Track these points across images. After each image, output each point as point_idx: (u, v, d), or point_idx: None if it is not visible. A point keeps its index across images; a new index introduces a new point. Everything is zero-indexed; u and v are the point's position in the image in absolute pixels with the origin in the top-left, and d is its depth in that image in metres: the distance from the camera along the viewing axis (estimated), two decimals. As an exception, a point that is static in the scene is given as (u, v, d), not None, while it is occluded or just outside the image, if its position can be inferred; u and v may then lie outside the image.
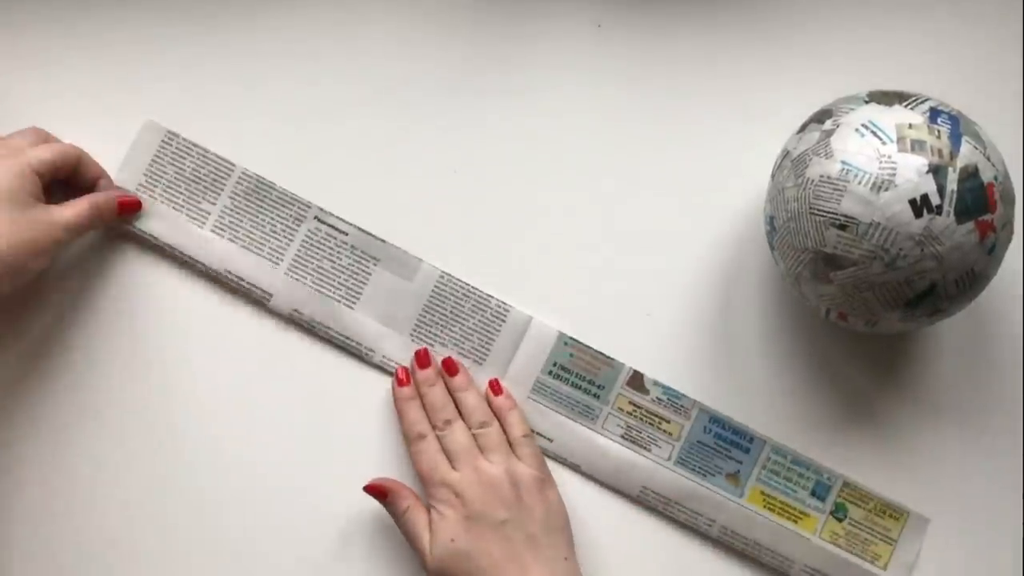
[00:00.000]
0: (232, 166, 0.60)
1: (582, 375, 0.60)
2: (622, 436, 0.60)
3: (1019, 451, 0.61)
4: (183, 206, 0.60)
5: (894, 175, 0.50)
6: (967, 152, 0.51)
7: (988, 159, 0.51)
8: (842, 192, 0.51)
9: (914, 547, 0.60)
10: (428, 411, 0.58)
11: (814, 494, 0.60)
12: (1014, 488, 0.61)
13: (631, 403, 0.60)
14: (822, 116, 0.54)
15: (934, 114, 0.52)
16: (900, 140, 0.51)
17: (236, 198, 0.60)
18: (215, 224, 0.60)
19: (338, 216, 0.60)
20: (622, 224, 0.61)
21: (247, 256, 0.60)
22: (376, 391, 0.60)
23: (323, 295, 0.60)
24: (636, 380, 0.60)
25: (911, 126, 0.51)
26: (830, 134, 0.52)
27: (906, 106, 0.52)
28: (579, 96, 0.62)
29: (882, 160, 0.50)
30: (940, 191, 0.50)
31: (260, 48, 0.61)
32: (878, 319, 0.53)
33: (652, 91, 0.62)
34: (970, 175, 0.50)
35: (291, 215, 0.60)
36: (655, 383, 0.60)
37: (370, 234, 0.60)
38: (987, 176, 0.51)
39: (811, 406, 0.61)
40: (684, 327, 0.61)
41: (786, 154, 0.55)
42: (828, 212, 0.51)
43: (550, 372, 0.60)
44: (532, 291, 0.60)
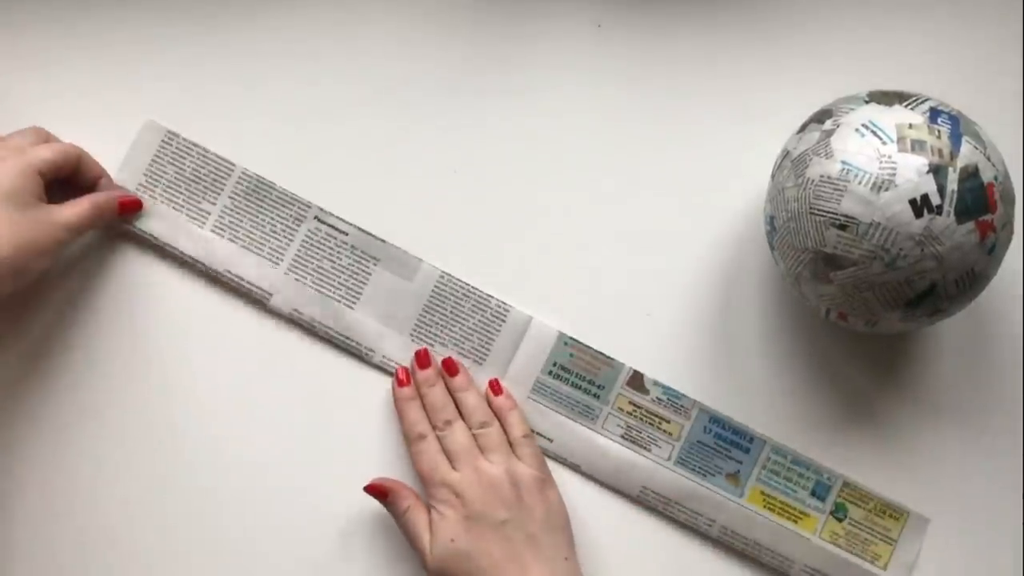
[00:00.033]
0: (232, 166, 0.60)
1: (582, 375, 0.60)
2: (622, 436, 0.60)
3: (1019, 451, 0.61)
4: (183, 206, 0.60)
5: (894, 175, 0.50)
6: (967, 152, 0.51)
7: (988, 159, 0.51)
8: (842, 192, 0.51)
9: (914, 547, 0.60)
10: (428, 411, 0.58)
11: (814, 494, 0.60)
12: (1014, 488, 0.61)
13: (631, 403, 0.60)
14: (822, 116, 0.54)
15: (934, 114, 0.52)
16: (900, 140, 0.51)
17: (236, 198, 0.60)
18: (215, 224, 0.60)
19: (338, 216, 0.60)
20: (622, 224, 0.61)
21: (247, 256, 0.60)
22: (376, 391, 0.60)
23: (323, 295, 0.60)
24: (636, 380, 0.60)
25: (911, 126, 0.51)
26: (830, 134, 0.52)
27: (906, 106, 0.52)
28: (579, 96, 0.62)
29: (882, 160, 0.50)
30: (940, 191, 0.50)
31: (260, 48, 0.61)
32: (878, 319, 0.53)
33: (652, 91, 0.62)
34: (970, 175, 0.50)
35: (291, 215, 0.60)
36: (655, 383, 0.60)
37: (370, 234, 0.60)
38: (987, 176, 0.51)
39: (811, 406, 0.61)
40: (684, 327, 0.61)
41: (786, 154, 0.55)
42: (828, 212, 0.51)
43: (550, 372, 0.60)
44: (532, 291, 0.60)
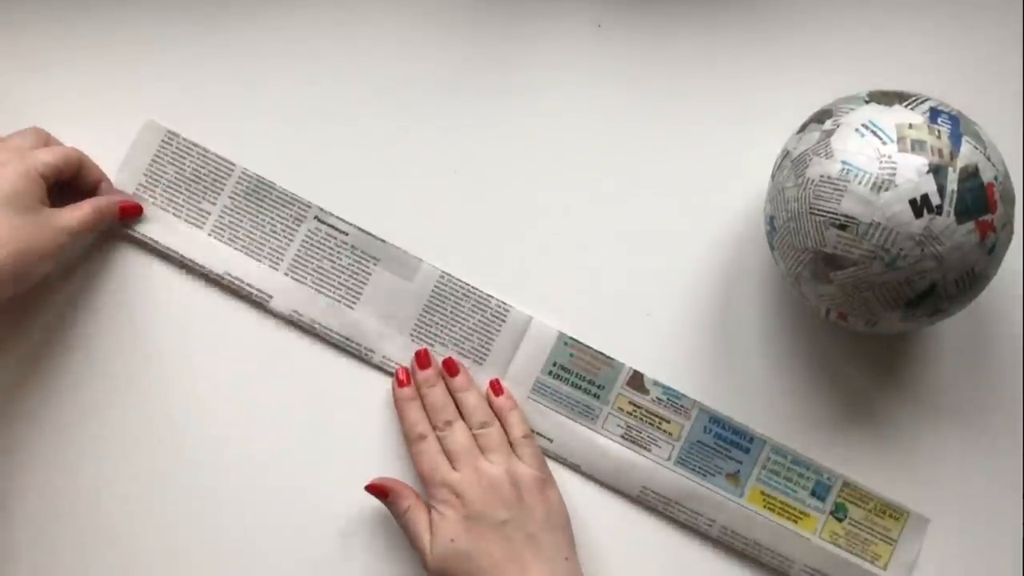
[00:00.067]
0: (232, 166, 0.60)
1: (582, 375, 0.60)
2: (622, 436, 0.60)
3: (1019, 451, 0.61)
4: (183, 206, 0.60)
5: (894, 175, 0.50)
6: (967, 152, 0.51)
7: (988, 159, 0.51)
8: (842, 192, 0.51)
9: (914, 547, 0.60)
10: (429, 412, 0.58)
11: (814, 494, 0.60)
12: (1014, 488, 0.61)
13: (631, 403, 0.60)
14: (822, 116, 0.54)
15: (934, 114, 0.52)
16: (900, 140, 0.51)
17: (236, 198, 0.60)
18: (215, 224, 0.60)
19: (338, 216, 0.60)
20: (622, 224, 0.61)
21: (247, 258, 0.60)
22: (376, 391, 0.60)
23: (323, 295, 0.60)
24: (636, 380, 0.60)
25: (911, 126, 0.51)
26: (830, 134, 0.52)
27: (906, 106, 0.52)
28: (579, 96, 0.62)
29: (882, 160, 0.50)
30: (940, 191, 0.50)
31: (260, 48, 0.61)
32: (878, 319, 0.53)
33: (652, 91, 0.62)
34: (970, 175, 0.50)
35: (291, 215, 0.60)
36: (655, 383, 0.60)
37: (370, 234, 0.60)
38: (987, 176, 0.51)
39: (811, 406, 0.61)
40: (684, 327, 0.61)
41: (786, 154, 0.55)
42: (828, 212, 0.51)
43: (550, 372, 0.60)
44: (532, 291, 0.60)
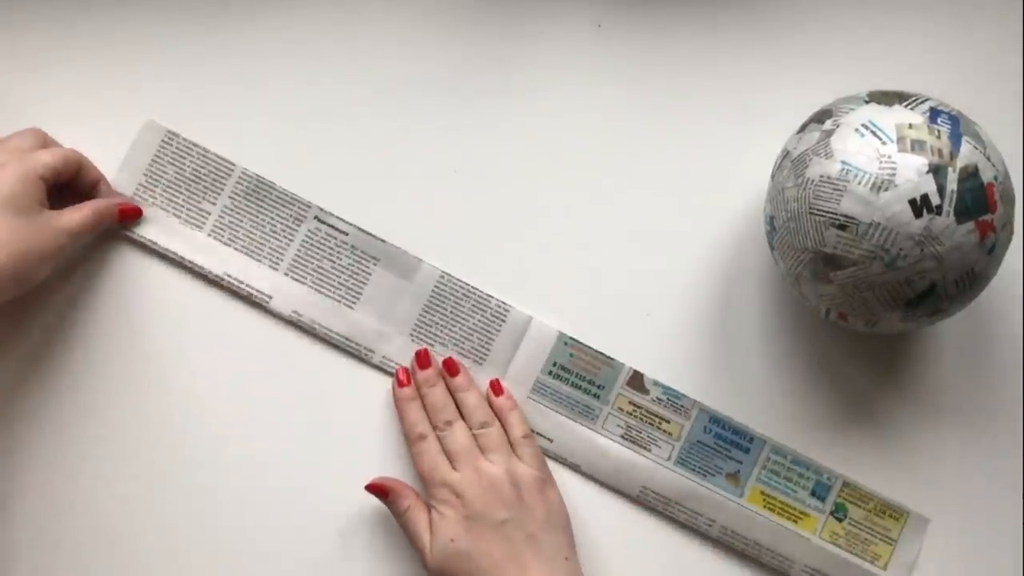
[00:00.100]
0: (232, 166, 0.60)
1: (582, 375, 0.60)
2: (622, 436, 0.60)
3: (1019, 451, 0.61)
4: (183, 206, 0.60)
5: (894, 175, 0.50)
6: (967, 152, 0.51)
7: (988, 159, 0.51)
8: (842, 192, 0.51)
9: (914, 547, 0.60)
10: (429, 411, 0.58)
11: (814, 494, 0.60)
12: (1014, 488, 0.61)
13: (631, 403, 0.60)
14: (822, 116, 0.54)
15: (934, 114, 0.52)
16: (900, 140, 0.51)
17: (236, 198, 0.60)
18: (215, 224, 0.60)
19: (338, 216, 0.60)
20: (622, 224, 0.61)
21: (247, 258, 0.60)
22: (376, 391, 0.60)
23: (323, 295, 0.60)
24: (636, 380, 0.60)
25: (911, 126, 0.51)
26: (830, 134, 0.52)
27: (906, 106, 0.52)
28: (579, 96, 0.62)
29: (882, 160, 0.50)
30: (940, 191, 0.50)
31: (260, 48, 0.61)
32: (878, 319, 0.53)
33: (652, 91, 0.62)
34: (970, 175, 0.50)
35: (291, 215, 0.60)
36: (655, 383, 0.60)
37: (370, 234, 0.60)
38: (987, 176, 0.51)
39: (811, 406, 0.61)
40: (684, 327, 0.61)
41: (786, 154, 0.55)
42: (828, 212, 0.51)
43: (550, 372, 0.60)
44: (532, 291, 0.60)
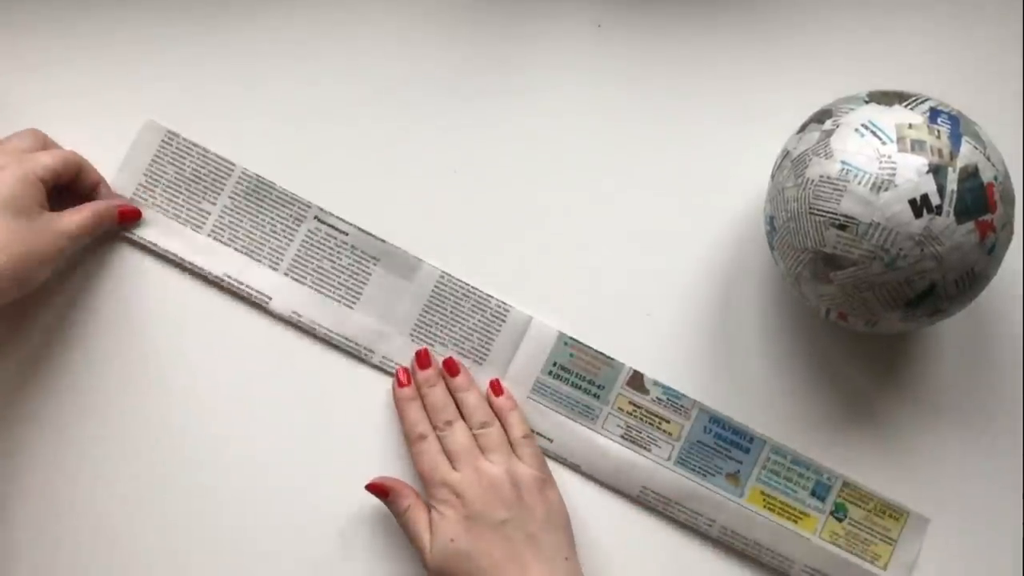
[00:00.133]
0: (232, 166, 0.60)
1: (582, 375, 0.60)
2: (622, 436, 0.60)
3: (1019, 451, 0.61)
4: (183, 206, 0.60)
5: (894, 175, 0.50)
6: (967, 152, 0.51)
7: (988, 159, 0.51)
8: (842, 192, 0.51)
9: (914, 547, 0.60)
10: (429, 411, 0.58)
11: (814, 494, 0.60)
12: (1014, 488, 0.61)
13: (631, 403, 0.60)
14: (822, 116, 0.54)
15: (934, 114, 0.52)
16: (900, 140, 0.51)
17: (236, 198, 0.60)
18: (215, 224, 0.60)
19: (338, 216, 0.60)
20: (622, 224, 0.61)
21: (247, 259, 0.60)
22: (376, 391, 0.60)
23: (323, 295, 0.60)
24: (636, 380, 0.60)
25: (911, 126, 0.51)
26: (830, 134, 0.52)
27: (906, 106, 0.52)
28: (579, 96, 0.62)
29: (882, 160, 0.50)
30: (940, 191, 0.50)
31: (260, 48, 0.61)
32: (878, 319, 0.53)
33: (652, 91, 0.62)
34: (970, 175, 0.50)
35: (291, 215, 0.60)
36: (655, 383, 0.60)
37: (370, 234, 0.60)
38: (987, 176, 0.51)
39: (811, 406, 0.61)
40: (684, 327, 0.61)
41: (786, 154, 0.55)
42: (828, 212, 0.51)
43: (550, 372, 0.60)
44: (532, 291, 0.60)
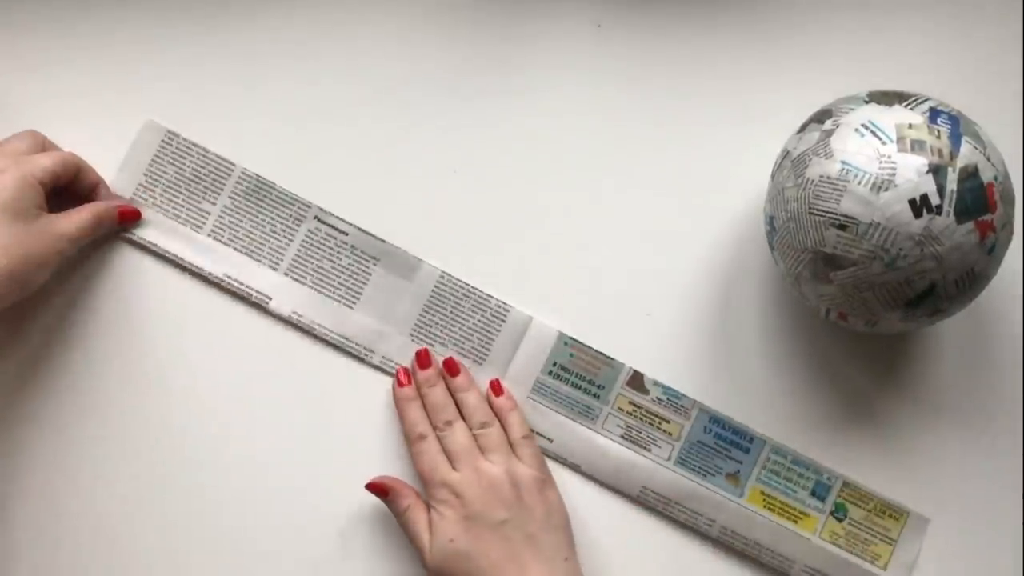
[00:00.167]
0: (232, 166, 0.60)
1: (582, 375, 0.60)
2: (622, 436, 0.60)
3: (1019, 451, 0.61)
4: (183, 206, 0.60)
5: (894, 175, 0.50)
6: (967, 152, 0.51)
7: (988, 159, 0.51)
8: (842, 192, 0.51)
9: (914, 547, 0.60)
10: (429, 411, 0.58)
11: (814, 494, 0.60)
12: (1014, 488, 0.61)
13: (631, 403, 0.60)
14: (822, 116, 0.54)
15: (934, 114, 0.52)
16: (900, 140, 0.51)
17: (236, 198, 0.60)
18: (215, 224, 0.60)
19: (338, 216, 0.60)
20: (622, 224, 0.61)
21: (247, 259, 0.60)
22: (376, 391, 0.60)
23: (323, 295, 0.60)
24: (636, 380, 0.60)
25: (911, 126, 0.51)
26: (830, 134, 0.52)
27: (906, 106, 0.52)
28: (579, 96, 0.62)
29: (882, 160, 0.50)
30: (940, 191, 0.50)
31: (260, 48, 0.61)
32: (878, 319, 0.53)
33: (652, 91, 0.62)
34: (970, 175, 0.50)
35: (291, 215, 0.60)
36: (655, 383, 0.60)
37: (370, 234, 0.60)
38: (987, 176, 0.51)
39: (811, 406, 0.61)
40: (684, 327, 0.61)
41: (786, 154, 0.55)
42: (828, 212, 0.51)
43: (550, 372, 0.60)
44: (532, 291, 0.60)
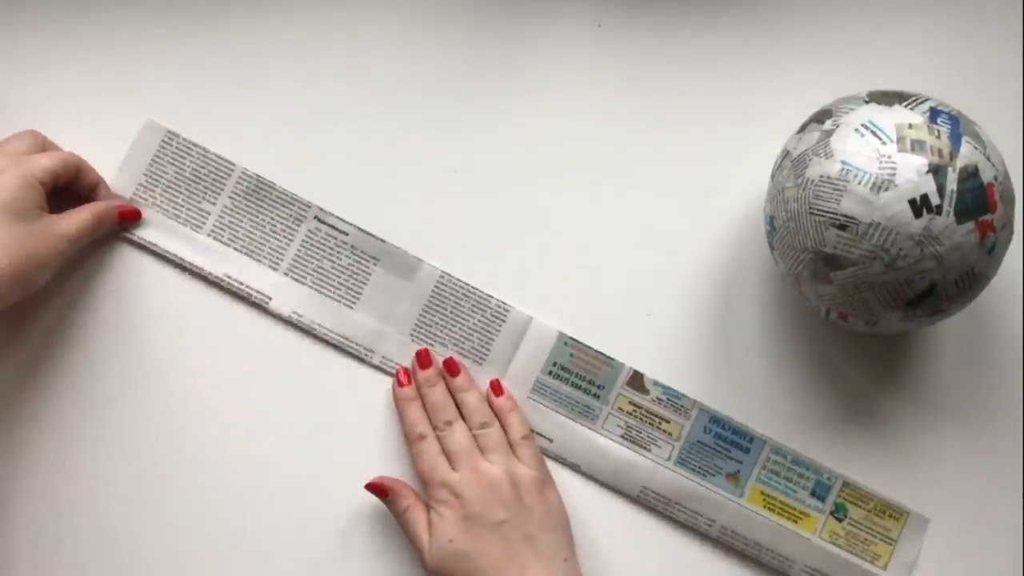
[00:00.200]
0: (232, 166, 0.60)
1: (582, 375, 0.60)
2: (622, 436, 0.60)
3: (1019, 451, 0.61)
4: (183, 206, 0.60)
5: (894, 175, 0.50)
6: (967, 152, 0.51)
7: (988, 159, 0.51)
8: (842, 192, 0.51)
9: (914, 547, 0.60)
10: (429, 411, 0.58)
11: (814, 494, 0.60)
12: (1014, 488, 0.61)
13: (631, 403, 0.60)
14: (822, 116, 0.54)
15: (934, 114, 0.52)
16: (900, 140, 0.51)
17: (236, 198, 0.60)
18: (215, 224, 0.60)
19: (338, 216, 0.60)
20: (622, 225, 0.61)
21: (247, 259, 0.60)
22: (376, 391, 0.60)
23: (323, 295, 0.60)
24: (636, 380, 0.60)
25: (911, 126, 0.51)
26: (830, 134, 0.52)
27: (906, 106, 0.52)
28: (579, 96, 0.62)
29: (882, 160, 0.50)
30: (940, 191, 0.50)
31: (260, 48, 0.61)
32: (878, 319, 0.53)
33: (652, 91, 0.62)
34: (970, 175, 0.50)
35: (291, 215, 0.60)
36: (655, 383, 0.60)
37: (370, 234, 0.60)
38: (987, 176, 0.51)
39: (811, 406, 0.61)
40: (684, 327, 0.61)
41: (786, 154, 0.55)
42: (828, 212, 0.51)
43: (550, 372, 0.60)
44: (532, 291, 0.60)
